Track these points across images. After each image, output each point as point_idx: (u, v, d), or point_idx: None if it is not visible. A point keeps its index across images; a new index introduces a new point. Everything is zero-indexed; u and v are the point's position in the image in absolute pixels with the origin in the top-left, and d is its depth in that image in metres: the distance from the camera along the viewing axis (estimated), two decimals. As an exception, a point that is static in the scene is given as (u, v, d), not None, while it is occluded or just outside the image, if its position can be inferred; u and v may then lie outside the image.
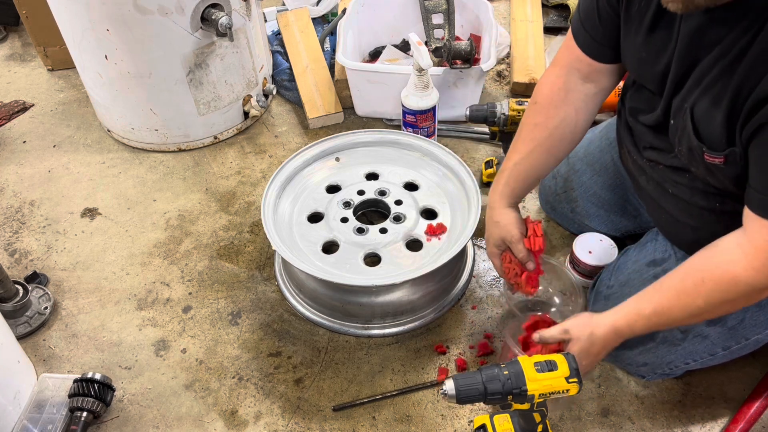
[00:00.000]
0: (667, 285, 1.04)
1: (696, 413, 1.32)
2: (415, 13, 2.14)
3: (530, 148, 1.27)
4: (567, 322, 1.12)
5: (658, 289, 1.05)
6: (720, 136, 0.97)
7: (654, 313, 1.04)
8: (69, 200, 1.85)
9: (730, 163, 0.99)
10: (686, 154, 1.06)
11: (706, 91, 0.97)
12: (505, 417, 1.20)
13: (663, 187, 1.17)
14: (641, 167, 1.22)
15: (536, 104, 1.29)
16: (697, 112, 0.99)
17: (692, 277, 1.01)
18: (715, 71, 0.95)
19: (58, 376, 1.39)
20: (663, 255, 1.27)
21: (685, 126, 1.02)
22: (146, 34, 1.71)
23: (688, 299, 1.01)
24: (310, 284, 1.47)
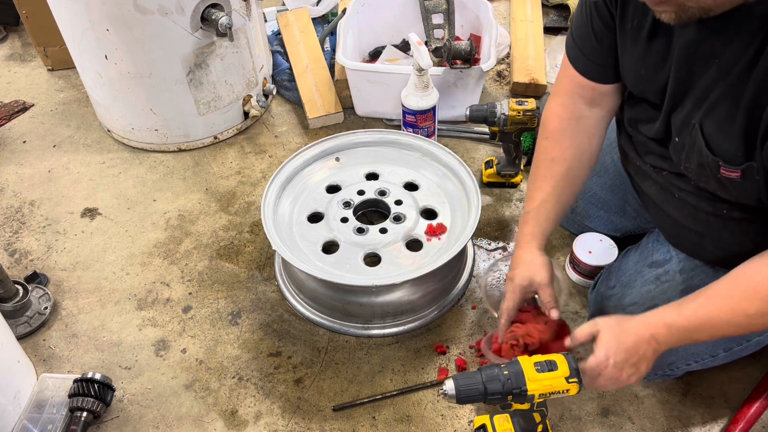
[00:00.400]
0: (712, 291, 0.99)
1: (696, 413, 1.32)
2: (415, 13, 2.14)
3: (552, 184, 1.23)
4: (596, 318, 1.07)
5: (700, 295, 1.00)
6: (737, 150, 0.95)
7: (695, 316, 0.98)
8: (69, 200, 1.85)
9: (747, 177, 0.97)
10: (695, 170, 1.04)
11: (714, 107, 0.96)
12: (505, 417, 1.20)
13: (668, 192, 1.16)
14: (645, 172, 1.20)
15: (547, 139, 1.26)
16: (707, 128, 0.97)
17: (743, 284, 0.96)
18: (721, 86, 0.93)
19: (58, 376, 1.39)
20: (664, 256, 1.27)
21: (695, 142, 1.00)
22: (146, 34, 1.71)
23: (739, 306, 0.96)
24: (310, 284, 1.47)
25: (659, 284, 1.24)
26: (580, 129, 1.24)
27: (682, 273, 1.22)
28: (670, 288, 1.21)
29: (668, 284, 1.22)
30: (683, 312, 1.00)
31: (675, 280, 1.22)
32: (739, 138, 0.93)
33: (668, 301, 1.19)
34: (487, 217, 1.74)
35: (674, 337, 1.01)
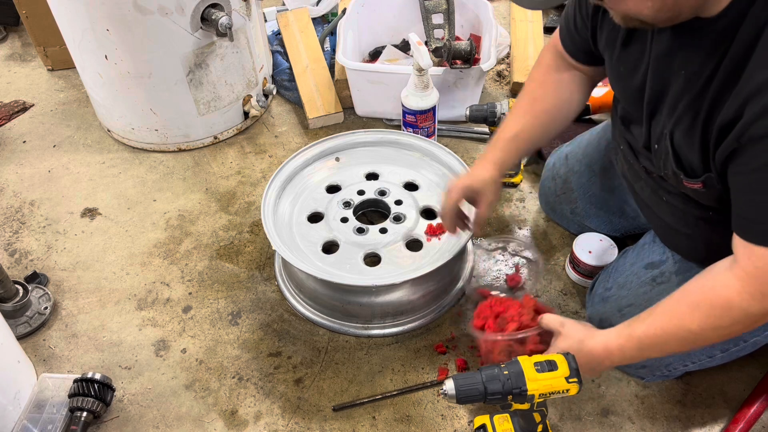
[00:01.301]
0: (660, 309, 1.02)
1: (696, 413, 1.32)
2: (415, 13, 2.14)
3: (529, 120, 1.29)
4: (568, 319, 1.14)
5: (651, 313, 1.03)
6: (697, 162, 0.98)
7: (645, 335, 1.02)
8: (69, 200, 1.85)
9: (708, 187, 1.00)
10: (672, 177, 1.07)
11: (680, 118, 0.98)
12: (505, 417, 1.20)
13: (657, 195, 1.17)
14: (637, 173, 1.21)
15: (534, 81, 1.32)
16: (676, 139, 1.00)
17: (686, 300, 0.99)
18: (686, 98, 0.95)
19: (58, 376, 1.39)
20: (660, 257, 1.27)
21: (667, 152, 1.03)
22: (146, 34, 1.71)
23: (682, 323, 0.98)
24: (310, 284, 1.47)
25: (655, 286, 1.24)
26: (564, 82, 1.30)
27: (678, 274, 1.22)
28: (666, 290, 1.21)
29: (664, 286, 1.22)
30: (633, 333, 1.04)
31: (671, 281, 1.22)
32: (698, 149, 0.96)
33: None
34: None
35: (627, 356, 1.05)
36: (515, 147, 1.30)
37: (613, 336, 1.06)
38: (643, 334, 1.02)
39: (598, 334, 1.08)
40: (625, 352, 1.05)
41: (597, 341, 1.08)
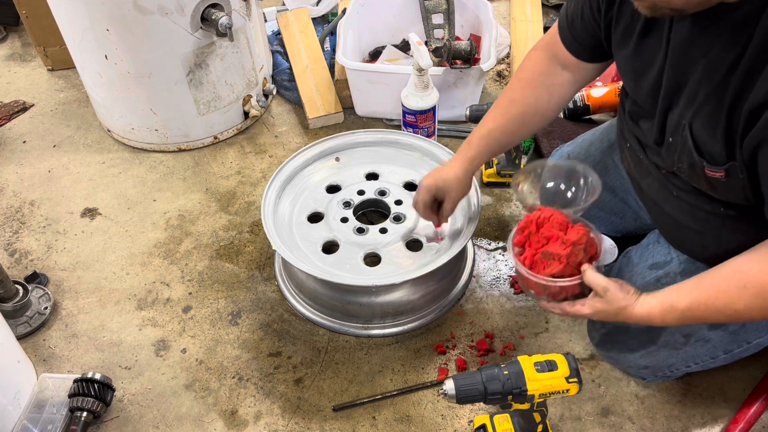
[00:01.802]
0: (708, 282, 1.03)
1: (696, 413, 1.32)
2: (415, 13, 2.14)
3: (503, 121, 1.32)
4: (611, 283, 1.10)
5: (697, 285, 1.04)
6: (720, 150, 0.97)
7: (688, 308, 1.03)
8: (69, 200, 1.85)
9: (731, 177, 0.98)
10: (687, 170, 1.06)
11: (701, 106, 0.97)
12: (505, 417, 1.20)
13: (667, 190, 1.16)
14: (645, 169, 1.20)
15: (517, 81, 1.33)
16: (696, 128, 0.99)
17: (735, 280, 0.99)
18: (707, 86, 0.95)
19: (58, 376, 1.39)
20: (665, 258, 1.26)
21: (686, 143, 1.02)
22: (146, 34, 1.71)
23: (728, 301, 0.99)
24: (310, 284, 1.47)
25: (660, 286, 1.22)
26: (546, 84, 1.31)
27: (683, 275, 1.21)
28: None
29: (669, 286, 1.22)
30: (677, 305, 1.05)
31: (676, 281, 1.21)
32: (722, 138, 0.95)
33: None
34: (487, 217, 1.74)
35: (666, 322, 1.08)
36: (486, 145, 1.34)
37: (657, 306, 1.07)
38: (687, 308, 1.03)
39: (639, 304, 1.08)
40: (666, 320, 1.07)
41: (638, 311, 1.08)
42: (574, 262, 1.12)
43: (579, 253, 1.13)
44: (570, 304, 1.15)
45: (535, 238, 1.17)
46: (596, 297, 1.12)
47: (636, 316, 1.08)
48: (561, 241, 1.14)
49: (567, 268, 1.13)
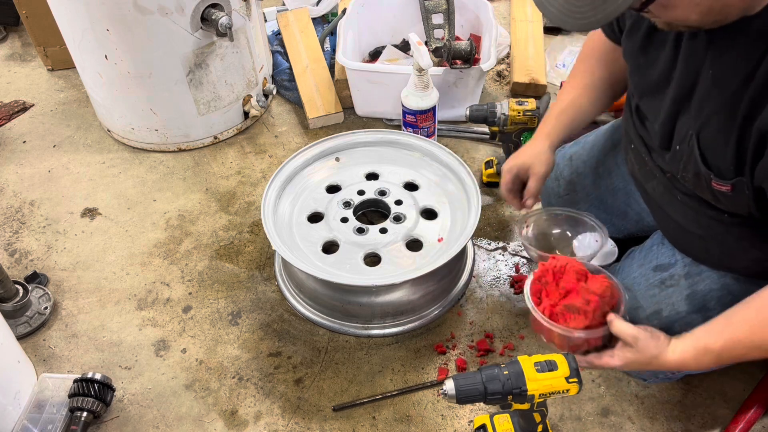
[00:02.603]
0: (740, 318, 1.00)
1: (696, 413, 1.32)
2: (415, 13, 2.14)
3: (577, 93, 1.35)
4: (641, 331, 1.06)
5: (728, 322, 1.01)
6: (729, 164, 0.95)
7: (724, 348, 1.00)
8: (69, 200, 1.85)
9: (737, 192, 0.97)
10: (692, 180, 1.05)
11: (710, 117, 0.96)
12: (505, 417, 1.20)
13: (671, 194, 1.15)
14: (650, 171, 1.20)
15: (583, 54, 1.38)
16: (703, 139, 0.98)
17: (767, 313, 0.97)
18: (718, 97, 0.94)
19: (58, 376, 1.39)
20: (669, 260, 1.25)
21: (692, 152, 1.01)
22: (146, 34, 1.71)
23: (764, 335, 0.96)
24: (310, 284, 1.47)
25: (663, 288, 1.23)
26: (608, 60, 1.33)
27: (688, 277, 1.20)
28: (675, 292, 1.20)
29: (673, 289, 1.21)
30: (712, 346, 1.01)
31: (680, 284, 1.21)
32: (732, 152, 0.94)
33: (672, 306, 1.19)
34: (487, 217, 1.74)
35: (702, 366, 1.04)
36: (566, 118, 1.35)
37: (690, 350, 1.03)
38: (723, 348, 1.00)
39: (671, 350, 1.05)
40: (702, 364, 1.03)
41: (671, 357, 1.05)
42: (598, 314, 1.09)
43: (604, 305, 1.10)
44: (597, 356, 1.11)
45: (553, 287, 1.14)
46: (626, 347, 1.07)
47: (670, 363, 1.05)
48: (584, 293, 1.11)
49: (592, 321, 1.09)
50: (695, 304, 1.18)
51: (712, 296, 1.17)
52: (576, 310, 1.10)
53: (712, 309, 1.16)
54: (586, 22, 0.84)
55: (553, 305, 1.13)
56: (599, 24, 0.83)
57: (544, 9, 0.88)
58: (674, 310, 1.20)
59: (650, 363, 1.06)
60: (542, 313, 1.12)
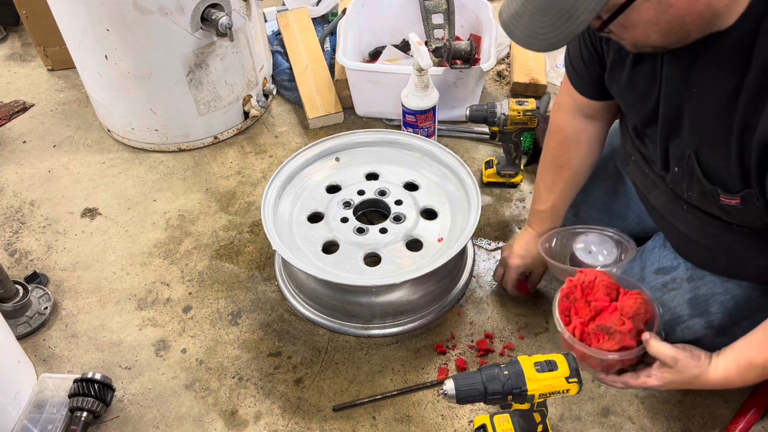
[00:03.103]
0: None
1: (696, 413, 1.32)
2: (415, 13, 2.14)
3: (561, 188, 1.38)
4: (680, 351, 1.05)
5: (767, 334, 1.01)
6: (734, 177, 0.95)
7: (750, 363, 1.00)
8: (69, 200, 1.85)
9: (747, 204, 0.97)
10: (698, 198, 1.05)
11: (705, 135, 0.96)
12: (505, 417, 1.20)
13: (676, 204, 1.14)
14: (652, 182, 1.19)
15: (555, 149, 1.37)
16: (702, 157, 0.99)
17: None
18: (709, 114, 0.94)
19: (58, 376, 1.39)
20: (671, 263, 1.24)
21: (693, 172, 1.01)
22: (146, 34, 1.71)
23: None
24: (310, 284, 1.47)
25: (666, 292, 1.22)
26: (582, 141, 1.34)
27: (690, 281, 1.20)
28: (677, 296, 1.20)
29: (675, 292, 1.21)
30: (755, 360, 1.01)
31: (682, 288, 1.20)
32: (735, 166, 0.94)
33: (674, 310, 1.18)
34: (487, 217, 1.74)
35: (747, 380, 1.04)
36: (556, 216, 1.41)
37: (732, 367, 1.03)
38: (766, 361, 1.00)
39: (713, 369, 1.04)
40: (747, 379, 1.03)
41: (714, 376, 1.04)
42: (633, 334, 1.06)
43: (638, 322, 1.07)
44: (633, 377, 1.09)
45: (582, 304, 1.10)
46: (665, 368, 1.06)
47: (713, 381, 1.04)
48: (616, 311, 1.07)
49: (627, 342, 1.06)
50: (697, 308, 1.18)
51: (714, 300, 1.17)
52: (608, 331, 1.06)
53: (715, 313, 1.16)
54: (549, 42, 0.85)
55: (584, 324, 1.09)
56: (562, 43, 0.85)
57: (509, 32, 0.89)
58: (676, 314, 1.19)
59: (691, 382, 1.06)
60: (572, 334, 1.09)
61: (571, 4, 0.81)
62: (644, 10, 0.83)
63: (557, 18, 0.83)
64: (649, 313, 1.09)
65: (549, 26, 0.84)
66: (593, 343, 1.07)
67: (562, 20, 0.83)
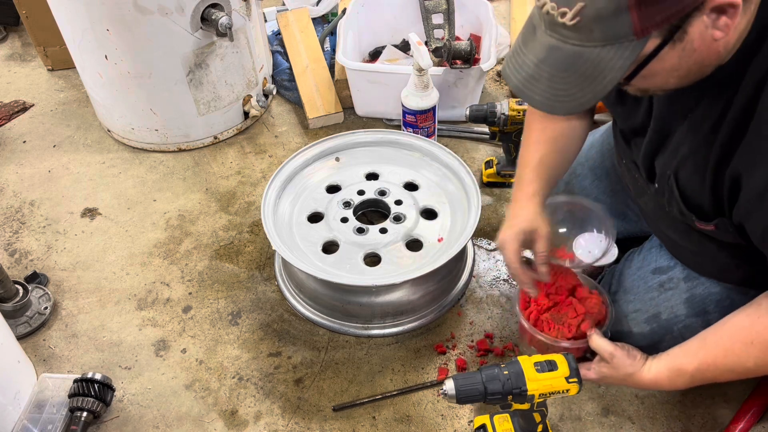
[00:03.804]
0: (712, 341, 1.02)
1: (696, 413, 1.32)
2: (415, 13, 2.14)
3: (545, 146, 1.24)
4: (618, 349, 1.10)
5: (702, 346, 1.02)
6: (708, 206, 0.98)
7: (698, 370, 1.02)
8: (69, 200, 1.85)
9: (721, 230, 0.99)
10: (678, 216, 1.06)
11: (684, 161, 0.98)
12: (505, 417, 1.20)
13: (663, 210, 1.15)
14: (641, 187, 1.19)
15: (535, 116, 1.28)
16: (681, 179, 1.00)
17: (740, 337, 0.98)
18: (692, 140, 0.95)
19: (58, 376, 1.39)
20: (668, 263, 1.25)
21: (672, 192, 1.02)
22: (146, 34, 1.71)
23: (736, 360, 0.98)
24: (310, 284, 1.47)
25: (663, 291, 1.23)
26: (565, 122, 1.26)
27: (687, 281, 1.21)
28: (674, 296, 1.20)
29: (672, 292, 1.21)
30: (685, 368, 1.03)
31: (679, 287, 1.21)
32: (709, 195, 0.96)
33: (671, 309, 1.19)
34: (487, 217, 1.74)
35: (676, 386, 1.07)
36: (545, 173, 1.24)
37: (664, 371, 1.06)
38: (696, 370, 1.02)
39: (646, 370, 1.07)
40: (675, 384, 1.06)
41: (646, 376, 1.07)
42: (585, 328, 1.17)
43: (589, 320, 1.17)
44: None
45: (542, 294, 1.22)
46: (602, 362, 1.11)
47: (644, 382, 1.07)
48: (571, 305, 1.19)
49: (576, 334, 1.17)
50: (694, 307, 1.18)
51: (711, 300, 1.17)
52: (562, 322, 1.19)
53: (712, 312, 1.16)
54: (575, 104, 0.82)
55: (540, 311, 1.22)
56: (589, 104, 0.82)
57: (528, 99, 0.85)
58: (673, 314, 1.20)
59: (625, 380, 1.10)
60: (527, 318, 1.23)
61: (595, 65, 0.78)
62: (668, 58, 0.81)
63: (582, 79, 0.80)
64: (602, 315, 1.21)
65: (574, 86, 0.81)
66: (544, 330, 1.20)
67: (587, 81, 0.80)
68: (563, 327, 1.19)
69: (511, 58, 0.87)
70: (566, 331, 1.18)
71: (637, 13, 0.74)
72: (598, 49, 0.78)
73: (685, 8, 0.74)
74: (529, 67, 0.83)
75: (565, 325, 1.19)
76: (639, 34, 0.76)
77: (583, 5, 0.75)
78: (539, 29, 0.82)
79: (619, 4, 0.73)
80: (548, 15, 0.79)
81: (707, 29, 0.77)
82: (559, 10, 0.77)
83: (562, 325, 1.19)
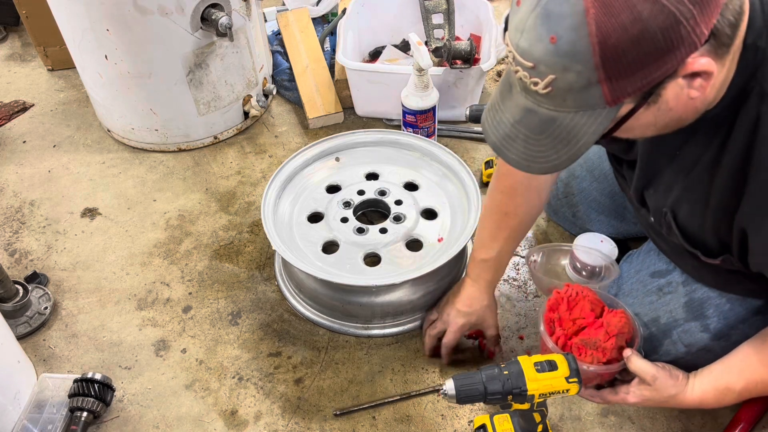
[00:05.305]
0: (757, 359, 1.01)
1: (696, 413, 1.32)
2: (415, 13, 2.14)
3: (506, 236, 1.30)
4: (660, 370, 1.07)
5: (748, 362, 1.02)
6: (713, 244, 0.97)
7: (745, 389, 1.01)
8: (69, 200, 1.85)
9: (727, 263, 0.99)
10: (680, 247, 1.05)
11: (680, 201, 0.97)
12: (505, 417, 1.20)
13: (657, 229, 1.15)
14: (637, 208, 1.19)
15: (502, 194, 1.29)
16: (681, 219, 0.99)
17: None
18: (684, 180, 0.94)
19: (58, 376, 1.39)
20: (667, 266, 1.24)
21: (671, 228, 1.02)
22: (146, 34, 1.71)
23: None
24: (310, 284, 1.47)
25: (662, 295, 1.22)
26: (533, 187, 1.28)
27: (686, 285, 1.20)
28: (673, 299, 1.20)
29: (671, 296, 1.21)
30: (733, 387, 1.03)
31: (678, 291, 1.20)
32: (712, 236, 0.95)
33: (671, 314, 1.19)
34: (487, 217, 1.74)
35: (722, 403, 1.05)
36: (500, 265, 1.33)
37: (710, 390, 1.04)
38: (744, 389, 1.02)
39: (690, 389, 1.06)
40: (722, 402, 1.05)
41: (691, 397, 1.06)
42: (615, 350, 1.11)
43: (620, 340, 1.12)
44: (611, 393, 1.12)
45: (567, 317, 1.16)
46: (643, 385, 1.08)
47: (689, 402, 1.06)
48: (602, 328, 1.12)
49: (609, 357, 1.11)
50: (693, 311, 1.18)
51: (710, 304, 1.17)
52: (594, 346, 1.12)
53: (711, 317, 1.16)
54: (550, 166, 0.82)
55: (567, 336, 1.15)
56: (565, 165, 0.82)
57: (504, 157, 0.85)
58: (672, 318, 1.19)
59: (667, 401, 1.07)
60: (555, 344, 1.15)
61: (569, 129, 0.78)
62: (644, 117, 0.80)
63: (556, 142, 0.80)
64: (630, 333, 1.14)
65: (549, 149, 0.81)
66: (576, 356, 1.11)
67: (562, 144, 0.80)
68: (597, 352, 1.11)
69: (489, 112, 0.87)
70: (600, 355, 1.11)
71: (607, 87, 0.73)
72: (572, 115, 0.77)
73: (657, 78, 0.74)
74: (506, 125, 0.83)
75: (599, 350, 1.11)
76: (611, 103, 0.75)
77: (554, 77, 0.74)
78: (515, 89, 0.82)
79: (589, 80, 0.73)
80: (521, 81, 0.79)
81: (682, 90, 0.76)
82: (531, 79, 0.76)
83: (595, 350, 1.11)
